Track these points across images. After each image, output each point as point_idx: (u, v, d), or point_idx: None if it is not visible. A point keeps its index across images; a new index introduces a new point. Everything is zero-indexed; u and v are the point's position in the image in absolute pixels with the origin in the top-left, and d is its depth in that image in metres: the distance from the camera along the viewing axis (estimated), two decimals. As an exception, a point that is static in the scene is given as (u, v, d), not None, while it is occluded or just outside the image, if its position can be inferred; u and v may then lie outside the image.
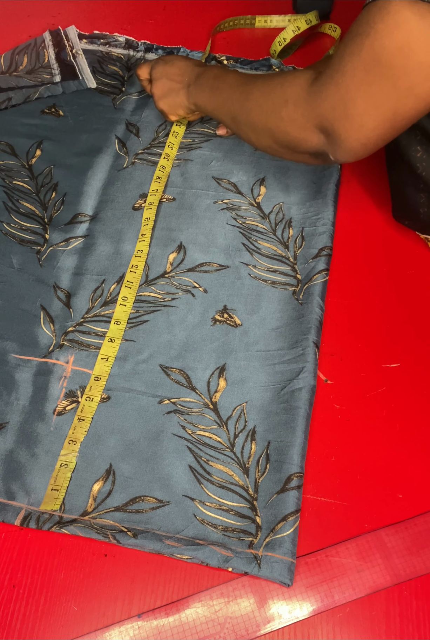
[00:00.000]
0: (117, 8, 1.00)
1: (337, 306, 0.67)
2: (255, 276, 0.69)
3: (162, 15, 1.00)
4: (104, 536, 0.52)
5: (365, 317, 0.66)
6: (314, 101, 0.57)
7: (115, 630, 0.49)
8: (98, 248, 0.70)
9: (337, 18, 1.00)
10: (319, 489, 0.56)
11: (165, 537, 0.52)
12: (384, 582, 0.51)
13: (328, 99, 0.55)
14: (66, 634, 0.49)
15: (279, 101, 0.61)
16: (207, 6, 1.01)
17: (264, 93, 0.63)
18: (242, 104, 0.66)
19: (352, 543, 0.53)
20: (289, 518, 0.53)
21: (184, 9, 1.01)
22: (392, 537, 0.53)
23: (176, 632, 0.49)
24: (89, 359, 0.62)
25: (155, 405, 0.59)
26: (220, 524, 0.53)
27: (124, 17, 0.99)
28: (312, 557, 0.52)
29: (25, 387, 0.60)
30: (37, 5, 1.00)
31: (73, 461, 0.56)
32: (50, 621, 0.49)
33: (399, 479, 0.56)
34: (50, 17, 0.98)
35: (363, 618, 0.50)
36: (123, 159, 0.79)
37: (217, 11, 1.00)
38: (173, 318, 0.65)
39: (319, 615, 0.50)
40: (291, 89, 0.60)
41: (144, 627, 0.49)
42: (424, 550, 0.52)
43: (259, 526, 0.53)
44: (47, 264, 0.69)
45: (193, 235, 0.72)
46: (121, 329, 0.64)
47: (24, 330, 0.63)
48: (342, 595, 0.51)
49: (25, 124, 0.82)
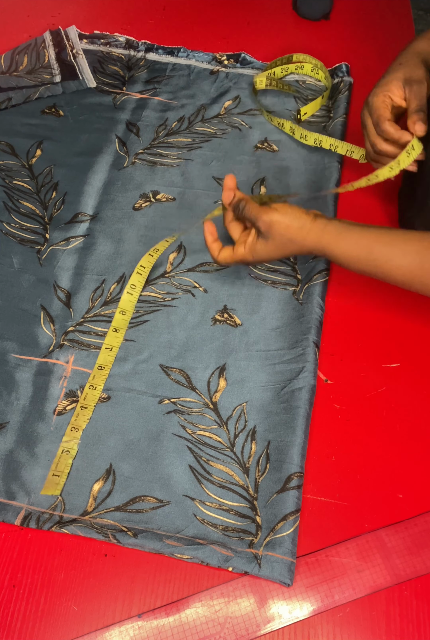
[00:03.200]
0: (117, 8, 1.00)
1: (337, 306, 0.67)
2: (255, 276, 0.69)
3: (162, 15, 1.00)
4: (104, 536, 0.52)
5: (366, 317, 0.66)
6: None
7: (116, 630, 0.49)
8: (98, 248, 0.70)
9: (337, 18, 1.00)
10: (319, 489, 0.56)
11: (165, 537, 0.52)
12: (384, 582, 0.51)
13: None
14: (66, 634, 0.49)
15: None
16: (207, 6, 1.01)
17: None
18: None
19: (352, 543, 0.53)
20: (289, 517, 0.53)
21: (184, 9, 1.01)
22: (392, 537, 0.53)
23: (176, 632, 0.49)
24: (89, 358, 0.62)
25: (156, 405, 0.59)
26: (221, 523, 0.53)
27: (124, 17, 0.99)
28: (312, 557, 0.52)
29: (26, 387, 0.60)
30: (37, 5, 1.00)
31: (74, 448, 0.56)
32: (51, 621, 0.49)
33: (399, 479, 0.56)
34: (50, 17, 0.98)
35: (363, 618, 0.50)
36: (123, 159, 0.79)
37: (217, 11, 1.00)
38: (173, 318, 0.65)
39: (319, 615, 0.50)
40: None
41: (144, 627, 0.49)
42: (424, 550, 0.52)
43: (259, 526, 0.53)
44: (47, 264, 0.69)
45: (193, 235, 0.72)
46: (126, 320, 0.64)
47: (24, 330, 0.63)
48: (342, 595, 0.51)
49: (25, 124, 0.82)
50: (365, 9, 1.02)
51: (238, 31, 0.98)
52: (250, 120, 0.84)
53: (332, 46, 0.95)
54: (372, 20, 1.00)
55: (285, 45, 0.95)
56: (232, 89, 0.87)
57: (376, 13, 1.01)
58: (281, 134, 0.82)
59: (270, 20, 1.00)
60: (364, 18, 1.00)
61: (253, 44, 0.96)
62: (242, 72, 0.90)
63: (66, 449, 0.56)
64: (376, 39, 0.97)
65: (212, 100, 0.86)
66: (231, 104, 0.86)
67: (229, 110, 0.85)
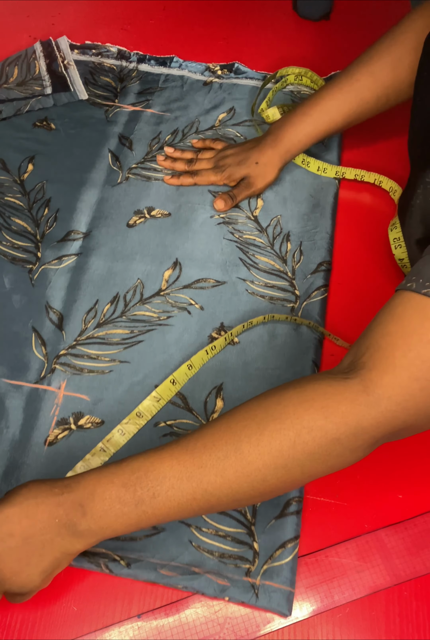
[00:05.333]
0: (117, 8, 1.00)
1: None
2: (252, 292, 0.67)
3: (162, 15, 0.99)
4: (96, 565, 0.51)
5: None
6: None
7: (115, 630, 0.49)
8: (91, 267, 0.69)
9: (338, 18, 0.99)
10: (319, 489, 0.55)
11: (159, 566, 0.51)
12: (383, 583, 0.51)
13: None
14: (66, 634, 0.49)
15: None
16: (207, 6, 1.00)
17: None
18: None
19: (352, 543, 0.53)
20: (288, 545, 0.52)
21: (184, 8, 1.00)
22: (392, 538, 0.53)
23: (176, 633, 0.49)
24: (82, 383, 0.61)
25: (151, 428, 0.58)
26: (217, 550, 0.52)
27: (124, 17, 0.98)
28: (312, 557, 0.52)
29: (16, 415, 0.58)
30: (37, 5, 1.00)
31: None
32: (50, 621, 0.49)
33: (399, 479, 0.56)
34: (50, 17, 0.98)
35: (363, 618, 0.50)
36: (117, 174, 0.78)
37: (217, 11, 0.99)
38: (169, 337, 0.64)
39: (319, 616, 0.50)
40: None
41: (144, 628, 0.49)
42: (424, 550, 0.52)
43: (256, 552, 0.52)
44: (39, 284, 0.67)
45: (189, 251, 0.71)
46: (188, 376, 0.61)
47: (15, 354, 0.62)
48: (342, 596, 0.51)
49: (16, 138, 0.81)
50: (366, 9, 1.01)
51: (238, 31, 0.97)
52: (245, 131, 0.82)
53: (333, 46, 0.94)
54: (372, 20, 0.99)
55: (285, 45, 0.94)
56: (227, 100, 0.86)
57: (376, 13, 1.01)
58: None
59: (270, 20, 0.99)
60: (364, 18, 1.00)
61: (253, 44, 0.95)
62: (236, 82, 0.88)
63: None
64: (376, 39, 0.95)
65: (205, 112, 0.84)
66: (226, 116, 0.84)
67: (224, 122, 0.84)
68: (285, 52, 0.92)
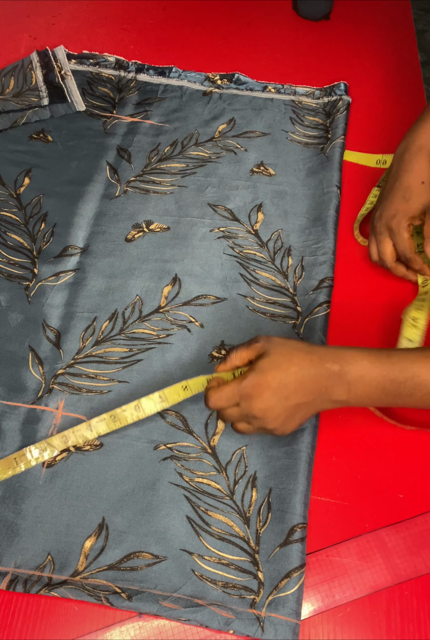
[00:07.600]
0: (117, 8, 0.99)
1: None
2: (253, 309, 0.66)
3: (162, 15, 0.99)
4: (96, 598, 0.49)
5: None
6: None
7: (116, 630, 0.49)
8: (89, 283, 0.67)
9: (338, 18, 0.98)
10: (319, 489, 0.55)
11: (161, 598, 0.49)
12: (384, 582, 0.51)
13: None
14: (66, 634, 0.48)
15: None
16: (207, 6, 1.00)
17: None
18: None
19: (353, 543, 0.53)
20: (293, 574, 0.50)
21: (184, 8, 1.00)
22: (392, 537, 0.53)
23: (177, 632, 0.49)
24: (80, 403, 0.59)
25: (151, 451, 0.56)
26: (220, 579, 0.50)
27: (124, 17, 0.98)
28: (312, 557, 0.52)
29: (12, 437, 0.57)
30: (37, 5, 0.99)
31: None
32: (51, 621, 0.49)
33: (400, 479, 0.56)
34: (50, 17, 0.97)
35: (364, 618, 0.50)
36: (115, 187, 0.76)
37: (217, 11, 0.99)
38: (168, 356, 0.62)
39: (320, 615, 0.50)
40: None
41: (145, 627, 0.49)
42: (425, 549, 0.52)
43: (261, 582, 0.50)
44: (35, 301, 0.66)
45: (188, 267, 0.69)
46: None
47: (12, 374, 0.60)
48: (343, 595, 0.50)
49: (12, 151, 0.79)
50: (366, 9, 1.01)
51: (238, 31, 0.96)
52: (246, 143, 0.81)
53: (333, 47, 0.94)
54: (373, 20, 0.99)
55: (285, 45, 0.93)
56: (227, 110, 0.84)
57: (376, 13, 1.00)
58: (277, 157, 0.79)
59: (270, 20, 0.99)
60: (364, 18, 0.99)
61: (253, 44, 0.94)
62: (236, 93, 0.87)
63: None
64: (376, 39, 0.96)
65: (205, 123, 0.83)
66: (225, 127, 0.83)
67: (224, 133, 0.82)
68: (285, 52, 0.92)
